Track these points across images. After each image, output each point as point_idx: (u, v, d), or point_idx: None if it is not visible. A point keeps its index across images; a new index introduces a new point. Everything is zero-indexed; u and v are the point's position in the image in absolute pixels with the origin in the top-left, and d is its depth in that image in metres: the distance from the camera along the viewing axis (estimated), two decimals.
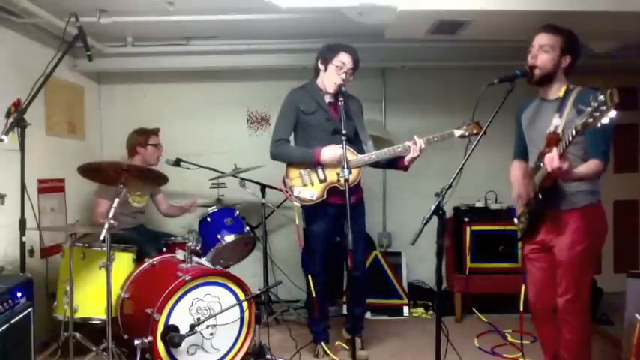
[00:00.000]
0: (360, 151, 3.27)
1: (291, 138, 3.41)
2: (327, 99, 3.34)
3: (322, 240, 3.34)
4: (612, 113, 1.93)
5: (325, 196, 3.24)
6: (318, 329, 3.46)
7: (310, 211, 3.32)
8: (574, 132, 2.11)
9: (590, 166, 2.39)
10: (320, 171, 3.25)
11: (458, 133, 3.17)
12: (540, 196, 2.48)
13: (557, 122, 2.42)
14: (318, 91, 3.34)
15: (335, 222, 3.31)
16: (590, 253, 2.54)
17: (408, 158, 3.20)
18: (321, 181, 3.24)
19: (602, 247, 2.68)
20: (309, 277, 3.34)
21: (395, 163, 3.30)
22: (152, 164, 3.94)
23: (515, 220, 2.76)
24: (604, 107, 1.94)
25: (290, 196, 3.26)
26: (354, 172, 3.17)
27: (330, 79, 3.24)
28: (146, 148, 3.94)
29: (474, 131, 3.10)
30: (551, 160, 2.19)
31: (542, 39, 2.53)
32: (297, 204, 3.26)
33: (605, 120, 1.96)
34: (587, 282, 2.57)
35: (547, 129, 2.46)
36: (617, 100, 1.92)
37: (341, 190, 3.09)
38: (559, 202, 2.54)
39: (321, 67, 3.30)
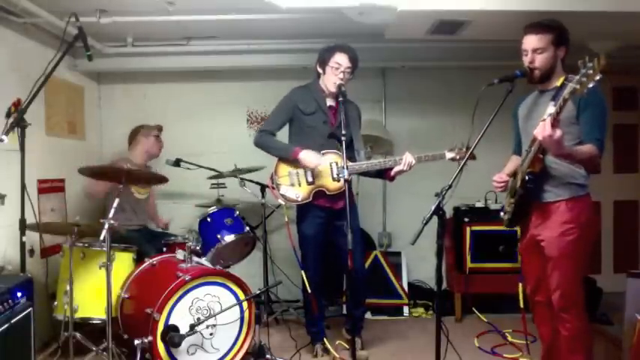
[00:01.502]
0: (352, 159, 3.28)
1: (285, 136, 3.42)
2: (328, 102, 3.35)
3: (313, 242, 3.35)
4: (598, 76, 1.96)
5: (310, 199, 3.25)
6: (315, 330, 3.47)
7: (300, 212, 3.36)
8: (562, 101, 2.13)
9: (585, 148, 2.38)
10: (309, 173, 3.26)
11: (449, 155, 3.22)
12: (527, 178, 2.46)
13: (551, 110, 2.40)
14: (320, 93, 3.34)
15: (324, 225, 3.33)
16: (581, 246, 2.50)
17: (396, 169, 3.25)
18: (308, 183, 3.25)
19: (594, 241, 2.63)
20: (303, 273, 3.32)
21: (382, 174, 3.35)
22: (154, 154, 3.97)
23: (502, 213, 2.75)
24: (591, 72, 1.97)
25: (276, 192, 3.27)
26: (342, 178, 3.17)
27: (329, 80, 3.25)
28: (148, 138, 3.98)
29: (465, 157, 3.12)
30: (543, 128, 2.18)
31: (532, 42, 2.52)
32: (281, 202, 3.27)
33: (590, 84, 1.99)
34: (580, 276, 2.54)
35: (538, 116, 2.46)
36: (604, 63, 1.93)
37: (328, 195, 3.21)
38: (545, 192, 2.53)
39: (320, 70, 3.32)
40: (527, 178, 2.47)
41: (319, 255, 3.38)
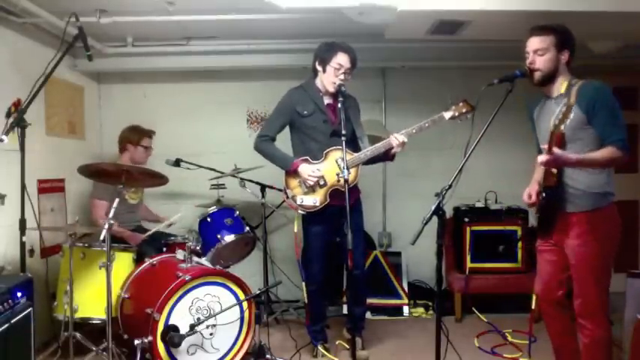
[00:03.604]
0: (357, 150, 3.26)
1: (287, 138, 3.42)
2: (326, 100, 3.32)
3: (321, 240, 3.34)
4: (571, 115, 2.25)
5: (328, 200, 3.23)
6: (316, 330, 3.47)
7: (309, 213, 3.31)
8: (550, 135, 2.21)
9: (603, 152, 2.36)
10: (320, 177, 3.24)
11: (448, 115, 3.17)
12: (544, 195, 2.49)
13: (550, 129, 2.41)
14: (317, 92, 3.31)
15: (333, 223, 3.29)
16: (599, 257, 2.49)
17: (392, 151, 3.22)
18: (321, 186, 3.23)
19: (615, 251, 2.61)
20: (304, 284, 3.37)
21: (384, 158, 3.30)
22: (140, 163, 3.91)
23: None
24: (564, 109, 2.17)
25: (293, 204, 3.26)
26: (353, 171, 3.17)
27: (328, 80, 3.22)
28: (136, 148, 3.91)
29: (464, 110, 3.12)
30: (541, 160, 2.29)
31: (534, 44, 2.52)
32: (302, 212, 3.26)
33: (571, 115, 2.22)
34: (602, 286, 2.51)
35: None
36: (573, 103, 2.24)
37: (340, 192, 3.11)
38: (566, 203, 2.51)
39: (319, 68, 3.27)
40: (544, 194, 2.50)
41: (324, 254, 3.37)
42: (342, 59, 3.18)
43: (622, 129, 2.39)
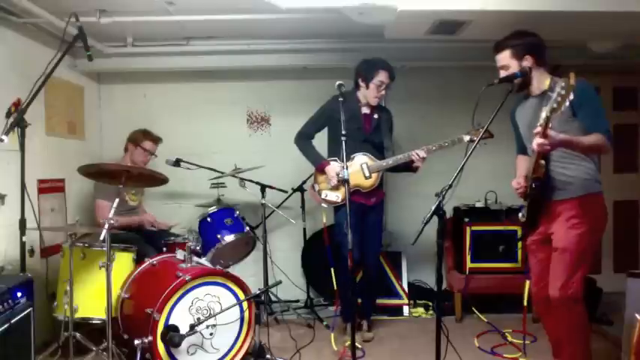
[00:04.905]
0: (383, 158, 3.58)
1: (324, 137, 3.73)
2: (363, 110, 3.63)
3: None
4: (571, 96, 2.12)
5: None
6: (347, 312, 3.69)
7: (338, 206, 3.64)
8: (546, 119, 2.21)
9: (590, 137, 2.42)
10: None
11: (467, 138, 3.40)
12: (534, 186, 2.54)
13: (544, 115, 2.44)
14: (357, 102, 3.60)
15: (357, 216, 3.50)
16: (586, 240, 2.55)
17: (414, 165, 3.54)
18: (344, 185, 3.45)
19: (600, 237, 2.70)
20: (333, 270, 3.78)
21: (406, 168, 3.61)
22: (138, 165, 3.90)
23: (520, 214, 2.77)
24: (564, 92, 2.11)
25: (318, 198, 3.64)
26: (373, 176, 3.56)
27: (371, 95, 3.54)
28: (136, 148, 3.92)
29: (482, 136, 3.16)
30: (536, 142, 2.30)
31: (497, 61, 2.70)
32: (324, 205, 3.65)
33: (567, 102, 2.15)
34: (581, 272, 2.57)
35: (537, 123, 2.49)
36: (573, 83, 2.10)
37: (363, 192, 3.56)
38: (554, 192, 2.58)
39: (362, 84, 3.57)
40: (532, 185, 2.54)
41: (354, 234, 3.43)
42: (383, 77, 3.50)
43: (606, 121, 2.49)
